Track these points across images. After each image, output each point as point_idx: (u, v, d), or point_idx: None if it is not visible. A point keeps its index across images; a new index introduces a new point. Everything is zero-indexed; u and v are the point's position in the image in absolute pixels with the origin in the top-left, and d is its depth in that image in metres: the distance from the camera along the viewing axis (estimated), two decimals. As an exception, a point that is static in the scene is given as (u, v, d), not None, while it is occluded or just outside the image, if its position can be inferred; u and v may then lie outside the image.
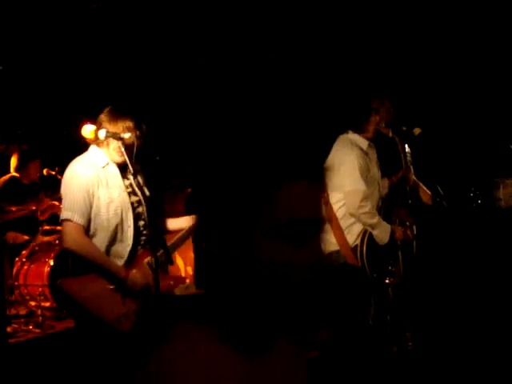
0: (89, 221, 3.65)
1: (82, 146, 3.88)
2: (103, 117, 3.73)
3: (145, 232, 3.79)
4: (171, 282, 3.76)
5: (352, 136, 4.88)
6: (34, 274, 5.83)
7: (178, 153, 7.23)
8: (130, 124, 3.69)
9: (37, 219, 6.09)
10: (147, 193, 3.93)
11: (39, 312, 5.67)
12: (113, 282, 3.59)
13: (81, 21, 5.84)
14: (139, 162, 3.89)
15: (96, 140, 3.76)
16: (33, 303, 5.81)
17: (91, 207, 3.65)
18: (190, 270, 6.75)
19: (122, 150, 3.65)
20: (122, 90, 6.45)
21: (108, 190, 3.70)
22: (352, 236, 4.80)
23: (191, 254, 6.75)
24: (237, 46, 6.69)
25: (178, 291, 6.33)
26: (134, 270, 3.65)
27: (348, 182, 4.77)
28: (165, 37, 6.42)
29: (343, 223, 4.82)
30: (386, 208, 4.95)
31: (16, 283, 5.89)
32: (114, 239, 3.69)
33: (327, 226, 4.90)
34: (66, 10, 5.79)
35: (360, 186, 4.74)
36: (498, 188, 6.31)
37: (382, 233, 4.77)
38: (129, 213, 3.74)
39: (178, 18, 6.21)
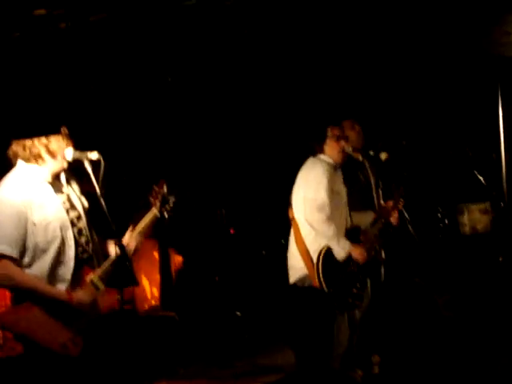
0: (24, 248, 3.41)
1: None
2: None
3: (87, 248, 3.60)
4: (118, 297, 3.49)
5: (319, 157, 4.89)
6: (-4, 296, 5.70)
7: (145, 172, 7.16)
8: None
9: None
10: (85, 204, 3.72)
11: (0, 334, 5.55)
12: (57, 307, 3.42)
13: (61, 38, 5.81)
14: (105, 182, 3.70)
15: (24, 157, 3.52)
16: (-6, 325, 5.68)
17: (25, 234, 3.40)
18: (155, 292, 6.61)
19: (89, 171, 3.48)
20: (87, 112, 6.39)
21: (43, 211, 3.46)
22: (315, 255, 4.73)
23: (157, 276, 6.63)
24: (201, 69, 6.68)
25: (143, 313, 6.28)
26: (78, 291, 3.47)
27: (311, 190, 4.74)
28: (134, 58, 6.39)
29: (311, 245, 4.75)
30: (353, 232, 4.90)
31: (-22, 305, 5.76)
32: (55, 262, 3.48)
33: (294, 250, 4.85)
34: (36, 28, 5.75)
35: (322, 196, 4.71)
36: (463, 213, 6.32)
37: (339, 248, 4.68)
38: (68, 231, 3.53)
39: (150, 37, 6.20)
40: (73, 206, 3.62)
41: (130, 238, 3.78)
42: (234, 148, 7.34)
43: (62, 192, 3.61)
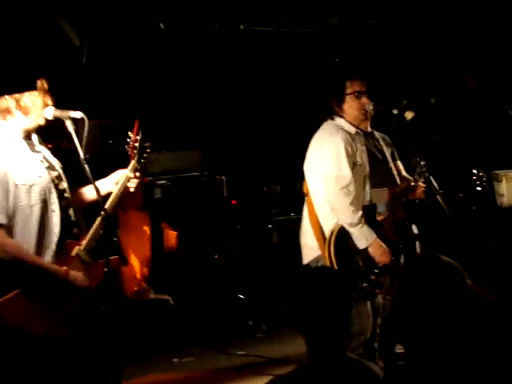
0: (9, 214, 3.28)
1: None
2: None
3: (69, 213, 3.47)
4: (105, 269, 3.38)
5: (337, 121, 4.56)
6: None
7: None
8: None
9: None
10: (60, 165, 3.57)
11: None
12: (50, 285, 3.30)
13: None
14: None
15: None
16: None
17: (8, 198, 3.26)
18: (146, 272, 6.35)
19: (71, 130, 3.34)
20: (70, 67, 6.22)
21: (24, 171, 3.32)
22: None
23: (148, 253, 6.36)
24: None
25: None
26: (66, 268, 3.35)
27: (329, 166, 4.41)
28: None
29: (326, 223, 4.43)
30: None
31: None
32: (41, 229, 3.33)
33: (307, 228, 4.57)
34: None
35: (345, 173, 4.40)
36: (501, 182, 5.80)
37: (360, 236, 4.36)
38: (52, 193, 3.40)
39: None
40: (52, 166, 3.49)
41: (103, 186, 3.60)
42: (237, 105, 7.10)
43: (36, 151, 3.47)
